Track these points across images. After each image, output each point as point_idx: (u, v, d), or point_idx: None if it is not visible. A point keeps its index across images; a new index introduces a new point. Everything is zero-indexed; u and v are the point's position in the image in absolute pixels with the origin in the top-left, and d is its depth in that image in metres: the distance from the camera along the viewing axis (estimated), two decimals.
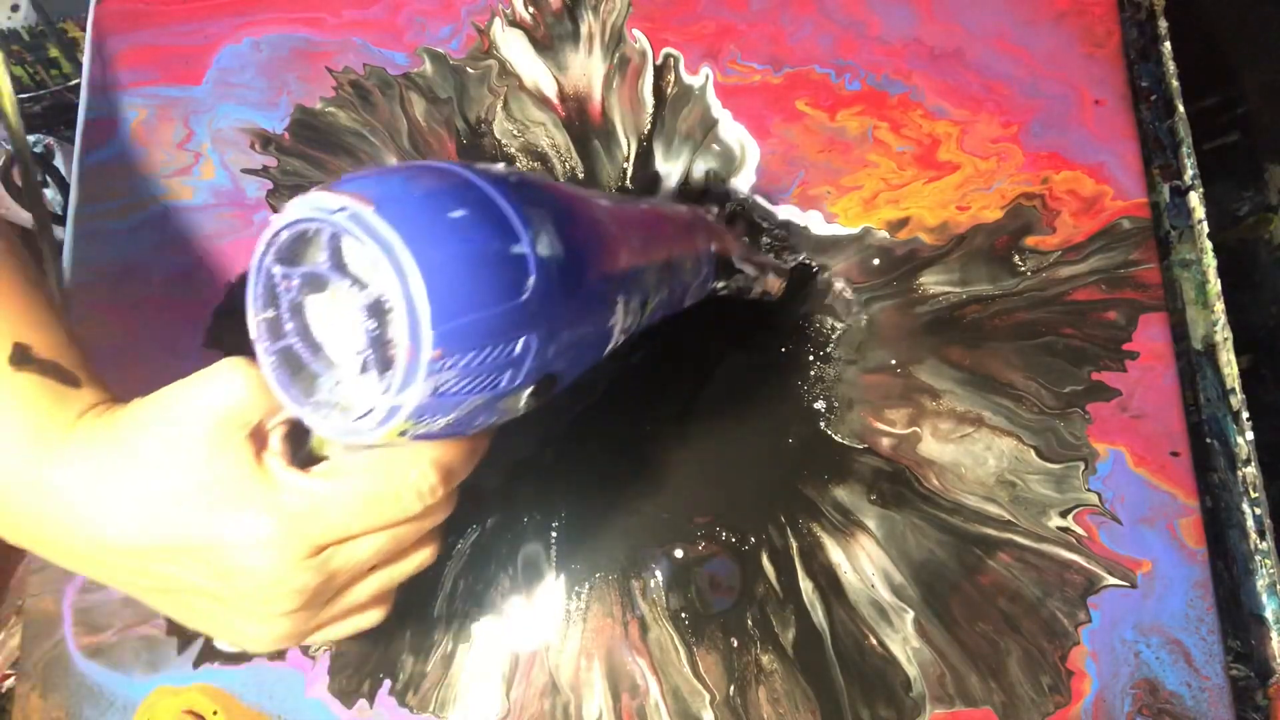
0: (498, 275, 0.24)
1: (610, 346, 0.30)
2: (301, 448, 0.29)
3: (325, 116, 0.52)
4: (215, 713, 0.44)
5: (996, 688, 0.41)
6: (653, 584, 0.44)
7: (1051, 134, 0.48)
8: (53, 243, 0.47)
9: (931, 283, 0.47)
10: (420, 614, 0.45)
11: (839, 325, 0.47)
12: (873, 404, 0.46)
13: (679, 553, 0.44)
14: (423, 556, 0.33)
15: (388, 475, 0.28)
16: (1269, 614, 0.44)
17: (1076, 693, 0.41)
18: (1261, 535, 0.45)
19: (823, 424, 0.46)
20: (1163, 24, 0.51)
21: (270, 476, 0.28)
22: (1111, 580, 0.42)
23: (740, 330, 0.47)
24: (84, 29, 0.54)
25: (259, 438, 0.28)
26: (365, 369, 0.24)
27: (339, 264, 0.24)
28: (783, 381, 0.46)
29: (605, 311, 0.29)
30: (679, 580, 0.44)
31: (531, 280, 0.25)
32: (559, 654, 0.44)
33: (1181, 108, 0.50)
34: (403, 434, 0.25)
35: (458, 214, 0.24)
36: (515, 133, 0.51)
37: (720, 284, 0.40)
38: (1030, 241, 0.47)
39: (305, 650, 0.44)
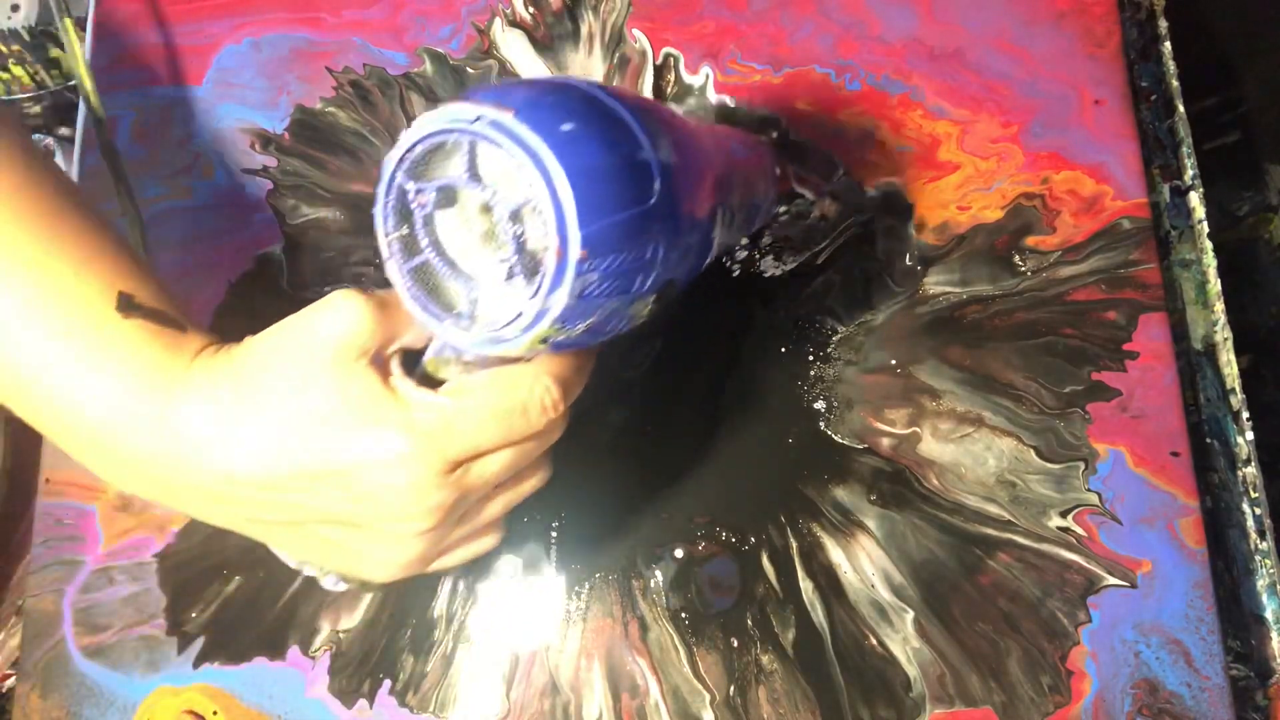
0: (630, 180, 0.25)
1: (709, 258, 0.31)
2: (416, 373, 0.30)
3: (325, 116, 0.52)
4: (215, 713, 0.44)
5: (996, 688, 0.41)
6: (653, 584, 0.44)
7: (1051, 134, 0.48)
8: (134, 207, 0.48)
9: (932, 283, 0.47)
10: (420, 614, 0.45)
11: (840, 329, 0.47)
12: (873, 404, 0.46)
13: (679, 553, 0.44)
14: (538, 478, 0.34)
15: (512, 389, 0.28)
16: (1269, 614, 0.44)
17: (1076, 693, 0.41)
18: (1261, 535, 0.45)
19: (823, 424, 0.46)
20: (1163, 24, 0.51)
21: (400, 396, 0.28)
22: (1111, 580, 0.42)
23: (740, 330, 0.47)
24: (83, 30, 0.54)
25: (379, 364, 0.28)
26: (511, 275, 0.25)
27: (475, 174, 0.25)
28: (783, 381, 0.46)
29: (709, 221, 0.29)
30: (679, 580, 0.44)
31: (656, 185, 0.25)
32: (559, 654, 0.44)
33: (1181, 108, 0.50)
34: (544, 341, 0.25)
35: (589, 121, 0.24)
36: None
37: (782, 208, 0.42)
38: (1030, 241, 0.47)
39: (305, 650, 0.44)
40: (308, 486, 0.28)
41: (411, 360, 0.30)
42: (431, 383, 0.29)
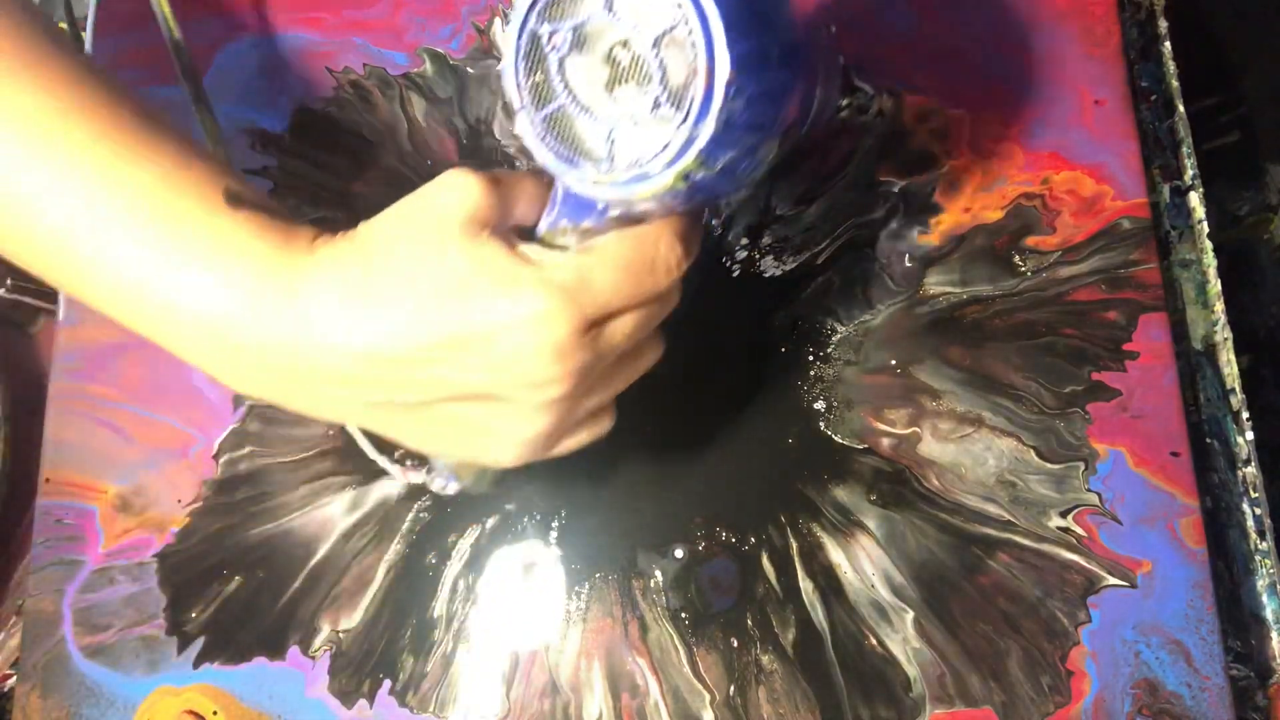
0: (767, 7, 0.25)
1: (808, 121, 0.31)
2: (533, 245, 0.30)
3: (325, 116, 0.52)
4: (215, 713, 0.44)
5: (996, 688, 0.41)
6: (653, 584, 0.44)
7: (1051, 134, 0.48)
8: (217, 127, 0.48)
9: (932, 283, 0.47)
10: (420, 614, 0.45)
11: (840, 329, 0.47)
12: (873, 404, 0.46)
13: (679, 553, 0.44)
14: (654, 353, 0.33)
15: (640, 245, 0.28)
16: (1269, 614, 0.44)
17: (1076, 693, 0.41)
18: (1261, 535, 0.45)
19: (823, 424, 0.46)
20: (1163, 24, 0.51)
21: (531, 258, 0.28)
22: (1111, 580, 0.42)
23: (740, 330, 0.47)
24: (83, 30, 0.54)
25: (501, 235, 0.28)
26: (656, 106, 0.25)
27: (611, 7, 0.25)
28: (783, 381, 0.46)
29: (815, 70, 0.29)
30: (679, 580, 0.44)
31: (788, 11, 0.26)
32: (559, 654, 0.44)
33: (1181, 108, 0.50)
34: (685, 178, 0.25)
35: None
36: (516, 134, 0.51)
37: (845, 100, 0.45)
38: (1030, 241, 0.47)
39: (305, 650, 0.44)
40: (446, 356, 0.28)
41: (526, 236, 0.30)
42: (553, 250, 0.29)
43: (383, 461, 0.37)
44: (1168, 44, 0.51)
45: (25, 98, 0.28)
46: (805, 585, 0.43)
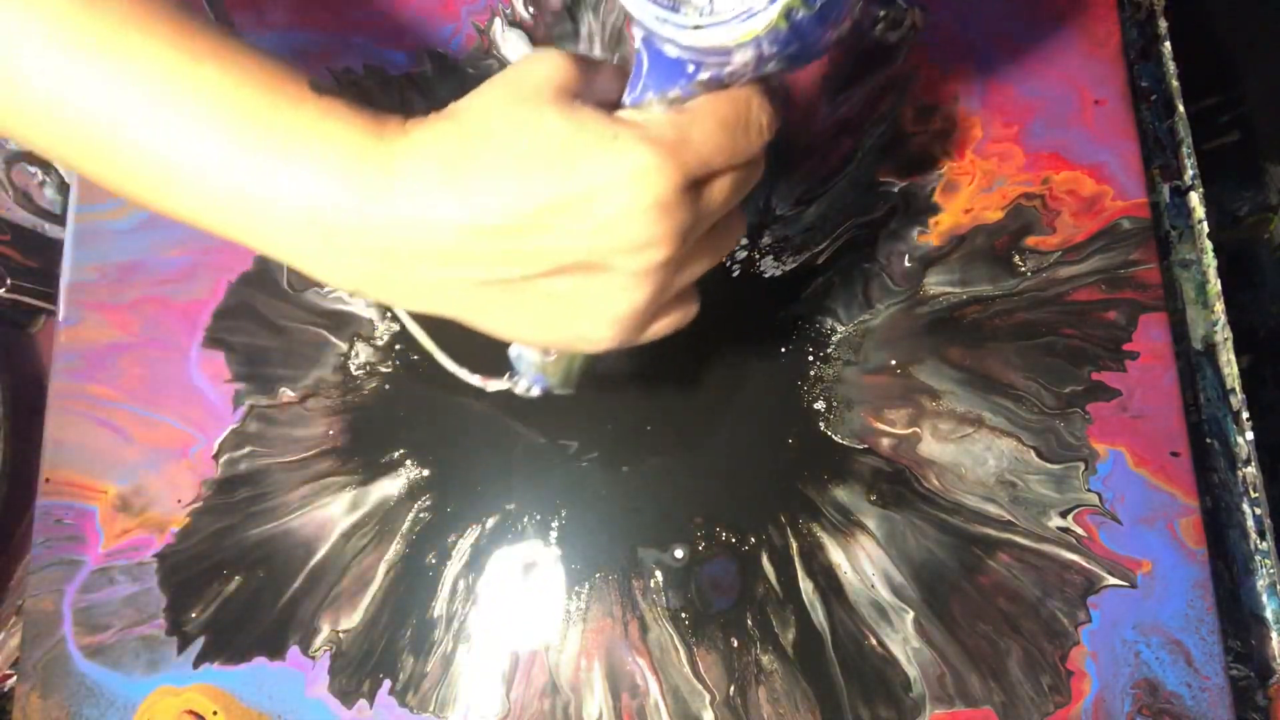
0: None
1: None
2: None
3: None
4: (215, 713, 0.44)
5: (996, 688, 0.41)
6: (653, 584, 0.44)
7: (1051, 134, 0.48)
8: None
9: (932, 283, 0.47)
10: (420, 614, 0.45)
11: (840, 329, 0.47)
12: (873, 404, 0.46)
13: (679, 553, 0.44)
14: (739, 230, 0.33)
15: (733, 105, 0.28)
16: (1269, 614, 0.44)
17: (1076, 693, 0.41)
18: (1261, 535, 0.45)
19: (823, 424, 0.46)
20: (1163, 24, 0.51)
21: (630, 118, 0.28)
22: (1111, 580, 0.42)
23: (741, 330, 0.47)
24: None
25: (594, 102, 0.28)
26: None
27: None
28: (783, 381, 0.46)
29: None
30: (679, 580, 0.44)
31: None
32: (559, 654, 0.44)
33: (1181, 108, 0.50)
34: (787, 15, 0.25)
35: None
36: None
37: (881, 11, 0.47)
38: (1030, 241, 0.47)
39: (305, 650, 0.44)
40: (550, 222, 0.27)
41: (617, 106, 0.30)
42: None
43: (463, 373, 0.37)
44: (1168, 44, 0.51)
45: (108, 18, 0.27)
46: (805, 585, 0.43)
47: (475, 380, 0.38)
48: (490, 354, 0.37)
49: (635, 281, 0.29)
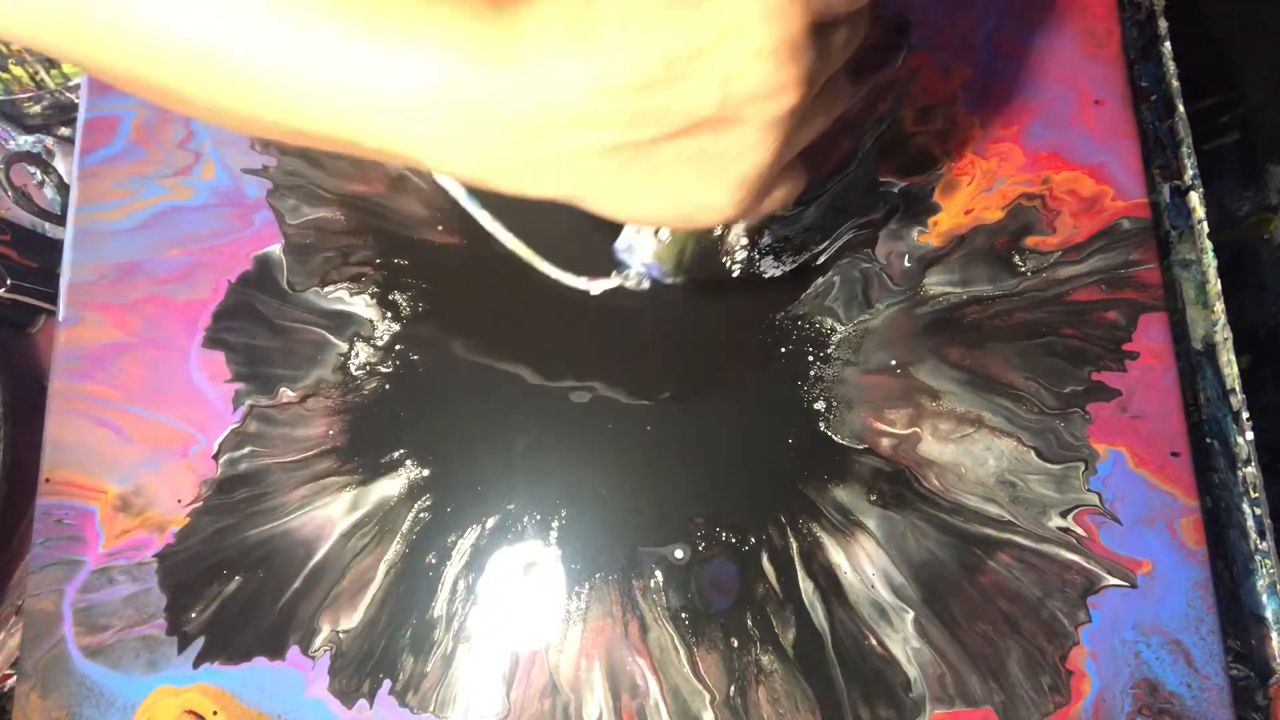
0: None
1: None
2: None
3: None
4: (215, 713, 0.44)
5: (996, 688, 0.41)
6: (653, 584, 0.44)
7: (1051, 134, 0.48)
8: None
9: (932, 283, 0.47)
10: (420, 614, 0.45)
11: (840, 329, 0.47)
12: (873, 404, 0.46)
13: (679, 553, 0.44)
14: (844, 99, 0.33)
15: None
16: (1269, 614, 0.44)
17: (1076, 693, 0.41)
18: (1261, 535, 0.45)
19: (823, 424, 0.46)
20: (1163, 24, 0.51)
21: None
22: (1111, 580, 0.42)
23: (741, 330, 0.47)
24: None
25: None
26: None
27: None
28: (783, 381, 0.46)
29: None
30: (679, 580, 0.44)
31: None
32: (559, 654, 0.44)
33: (1181, 108, 0.50)
34: None
35: None
36: None
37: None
38: (1030, 242, 0.47)
39: (305, 650, 0.44)
40: (682, 72, 0.27)
41: None
42: None
43: (567, 277, 0.36)
44: (1168, 44, 0.51)
45: None
46: (805, 585, 0.43)
47: (580, 283, 0.37)
48: (588, 258, 0.37)
49: (763, 135, 0.29)
